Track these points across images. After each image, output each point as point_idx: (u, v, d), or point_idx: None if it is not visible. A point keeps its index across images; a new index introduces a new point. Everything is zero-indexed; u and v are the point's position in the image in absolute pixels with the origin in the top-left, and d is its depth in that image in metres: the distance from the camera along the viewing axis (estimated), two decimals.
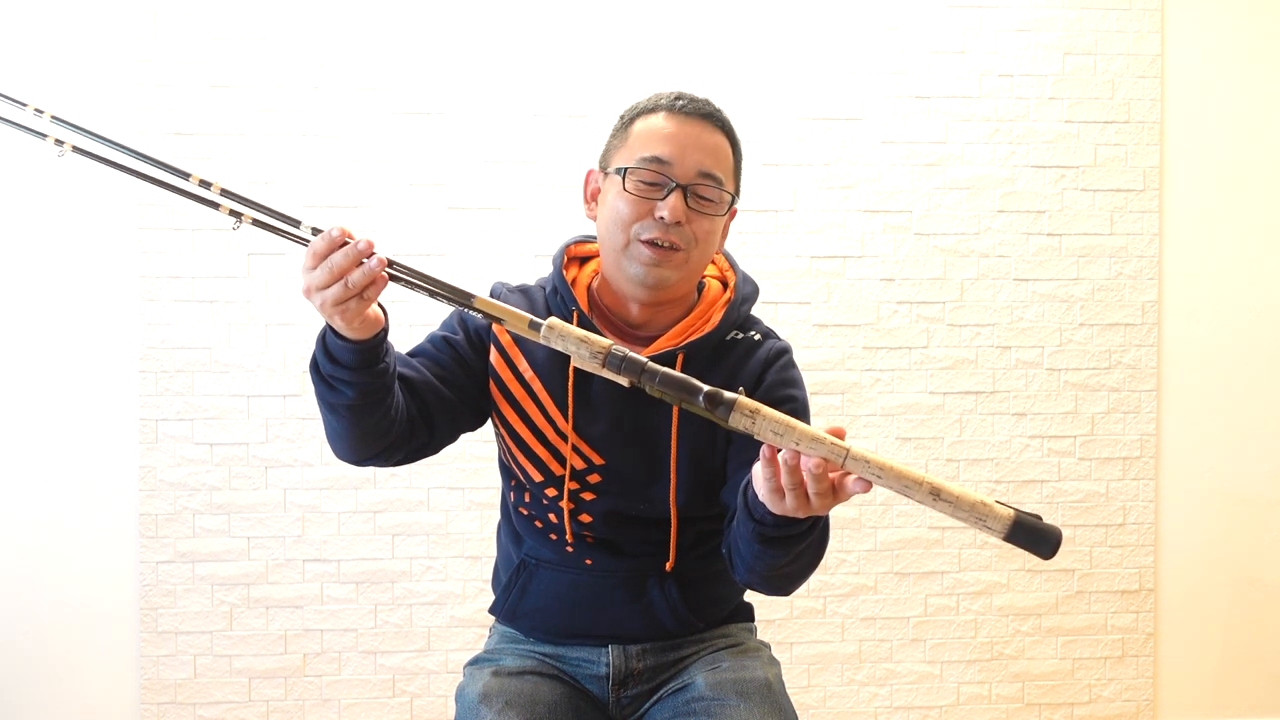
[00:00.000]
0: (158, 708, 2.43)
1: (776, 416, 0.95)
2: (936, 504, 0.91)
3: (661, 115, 1.26)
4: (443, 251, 2.46)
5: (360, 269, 1.00)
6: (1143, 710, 2.62)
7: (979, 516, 0.91)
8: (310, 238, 1.02)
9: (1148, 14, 2.58)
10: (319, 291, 1.01)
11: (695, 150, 1.24)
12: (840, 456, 0.93)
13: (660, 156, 1.23)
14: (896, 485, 0.91)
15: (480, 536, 2.47)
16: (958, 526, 2.56)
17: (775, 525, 1.06)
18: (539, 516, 1.33)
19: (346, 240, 1.00)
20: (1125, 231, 2.59)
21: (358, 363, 1.09)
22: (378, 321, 1.08)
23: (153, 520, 2.42)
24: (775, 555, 1.11)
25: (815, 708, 2.55)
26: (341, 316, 1.03)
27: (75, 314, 2.42)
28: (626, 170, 1.23)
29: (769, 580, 1.18)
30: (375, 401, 1.14)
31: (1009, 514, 0.91)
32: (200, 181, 1.04)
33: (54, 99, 2.40)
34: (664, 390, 0.98)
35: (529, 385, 1.30)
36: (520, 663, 1.33)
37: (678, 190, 1.22)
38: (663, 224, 1.22)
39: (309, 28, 2.44)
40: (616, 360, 0.98)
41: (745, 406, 0.95)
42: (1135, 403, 2.60)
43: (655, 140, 1.24)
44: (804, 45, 2.52)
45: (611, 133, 1.32)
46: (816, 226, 2.53)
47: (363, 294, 1.01)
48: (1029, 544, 0.92)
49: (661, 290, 1.26)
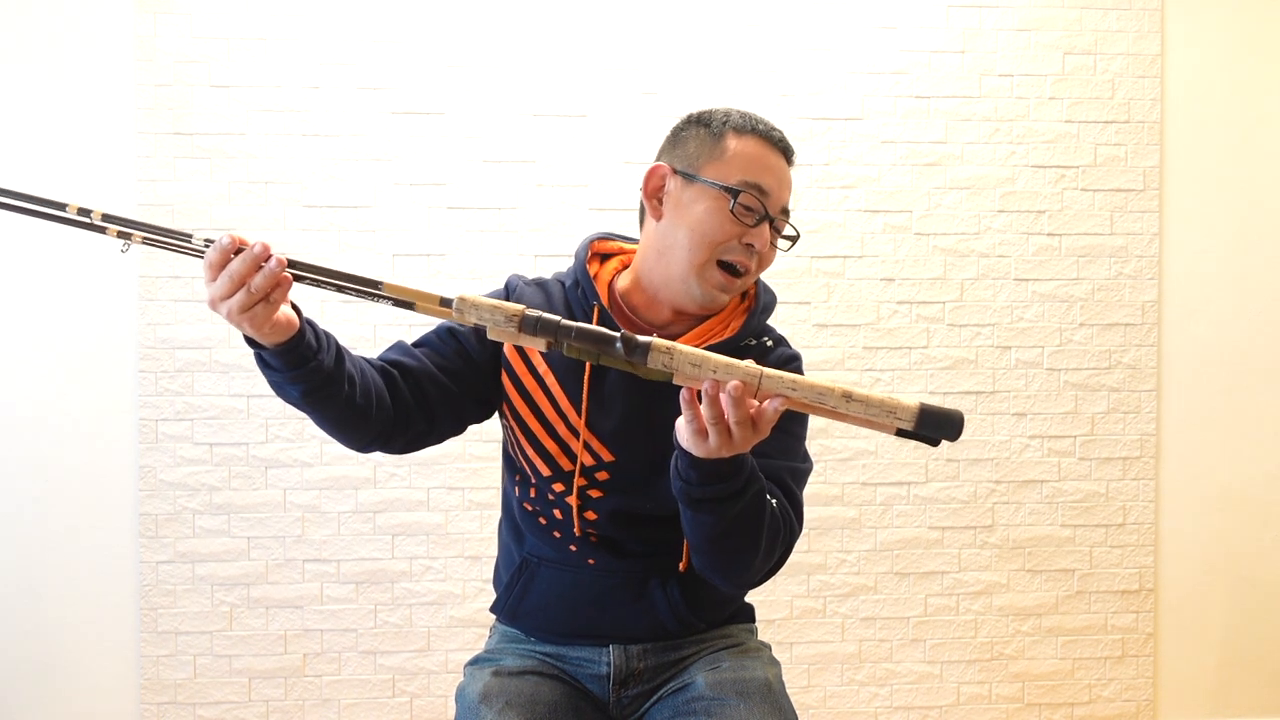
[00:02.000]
0: (158, 708, 2.43)
1: (692, 351, 1.00)
2: (849, 405, 0.98)
3: (759, 141, 1.27)
4: (443, 251, 2.46)
5: (260, 273, 0.99)
6: (1143, 710, 2.62)
7: (888, 410, 0.98)
8: (204, 249, 1.01)
9: (1148, 14, 2.58)
10: (223, 302, 1.00)
11: (785, 187, 1.28)
12: (755, 377, 0.99)
13: (763, 187, 1.25)
14: (811, 395, 0.98)
15: (480, 536, 2.47)
16: (958, 526, 2.56)
17: (700, 483, 1.08)
18: (543, 513, 1.33)
19: (241, 247, 1.00)
20: (1125, 231, 2.59)
21: (286, 364, 1.08)
22: (291, 324, 1.06)
23: (153, 520, 2.42)
24: (706, 520, 1.11)
25: (815, 708, 2.55)
26: (250, 323, 1.02)
27: (75, 314, 2.42)
28: (738, 192, 1.23)
29: (711, 558, 1.17)
30: (327, 395, 1.13)
31: (915, 405, 0.98)
32: (80, 210, 1.02)
33: (54, 99, 2.40)
34: (581, 345, 1.01)
35: (542, 379, 1.30)
36: (521, 663, 1.33)
37: (768, 222, 1.25)
38: (749, 251, 1.25)
39: (309, 28, 2.44)
40: (532, 322, 1.01)
41: (660, 346, 1.00)
42: (1135, 403, 2.60)
43: (757, 167, 1.25)
44: (804, 45, 2.52)
45: (688, 136, 1.29)
46: (816, 226, 2.53)
47: (268, 298, 1.01)
48: (938, 428, 0.98)
49: (711, 308, 1.29)
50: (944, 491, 2.56)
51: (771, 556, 1.20)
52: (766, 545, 1.17)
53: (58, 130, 2.40)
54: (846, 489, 2.54)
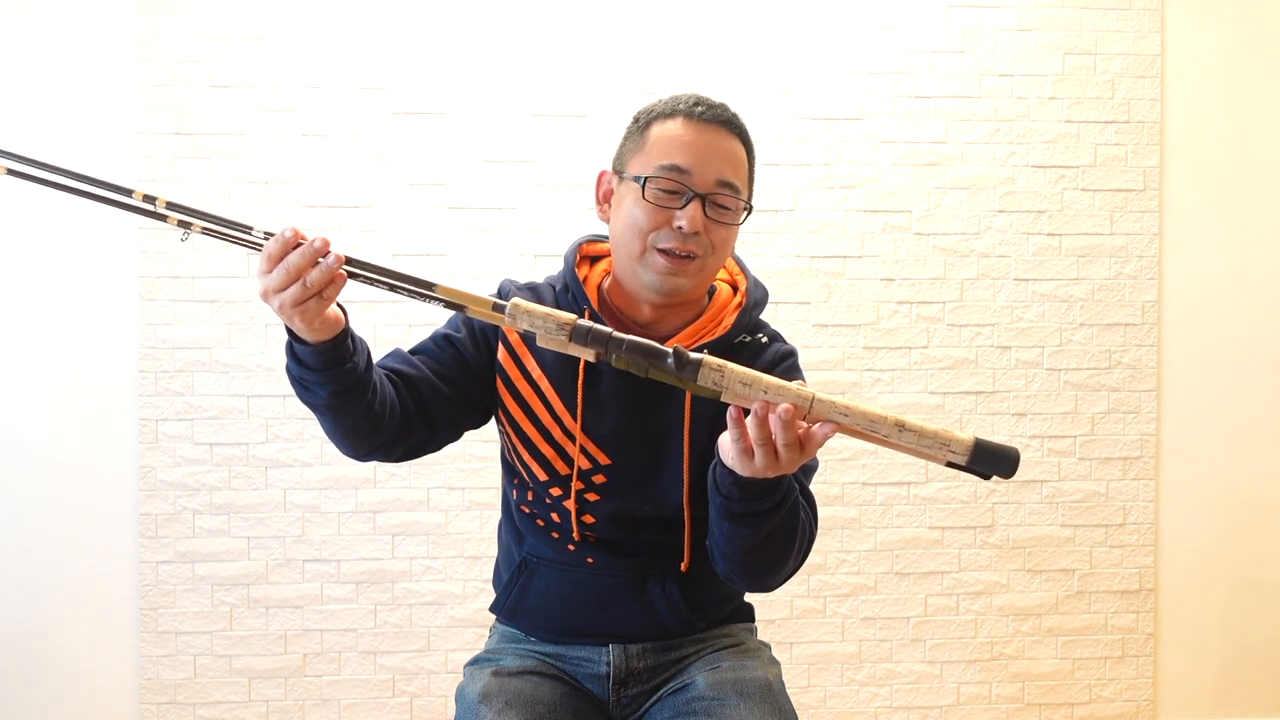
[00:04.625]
0: (158, 708, 2.43)
1: (743, 371, 0.97)
2: (902, 435, 0.95)
3: (680, 121, 1.24)
4: (443, 252, 2.46)
5: (318, 268, 1.00)
6: (1143, 710, 2.62)
7: (943, 443, 0.95)
8: (263, 241, 1.01)
9: (1148, 14, 2.58)
10: (276, 294, 1.00)
11: (714, 159, 1.22)
12: (806, 401, 0.96)
13: (679, 165, 1.21)
14: (863, 422, 0.95)
15: (480, 536, 2.47)
16: (958, 526, 2.56)
17: (741, 500, 1.07)
18: (541, 515, 1.33)
19: (300, 241, 1.00)
20: (1125, 231, 2.59)
21: (323, 363, 1.09)
22: (338, 322, 1.07)
23: (153, 520, 2.42)
24: (743, 534, 1.11)
25: (815, 708, 2.55)
26: (301, 317, 1.02)
27: (75, 314, 2.42)
28: (646, 179, 1.21)
29: (743, 567, 1.17)
30: (352, 400, 1.14)
31: (969, 439, 0.95)
32: (145, 196, 1.03)
33: (54, 99, 2.40)
34: (631, 358, 1.00)
35: (537, 384, 1.30)
36: (520, 662, 1.33)
37: (696, 200, 1.21)
38: (681, 234, 1.21)
39: (309, 28, 2.44)
40: (583, 333, 0.99)
41: (711, 364, 0.98)
42: (1135, 403, 2.60)
43: (674, 148, 1.22)
44: (804, 45, 2.52)
45: (626, 134, 1.30)
46: (816, 226, 2.53)
47: (321, 293, 1.01)
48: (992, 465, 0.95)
49: (675, 297, 1.26)
50: (944, 491, 2.56)
51: (800, 560, 1.20)
52: (797, 550, 1.18)
53: (58, 130, 2.39)
54: (846, 489, 2.54)
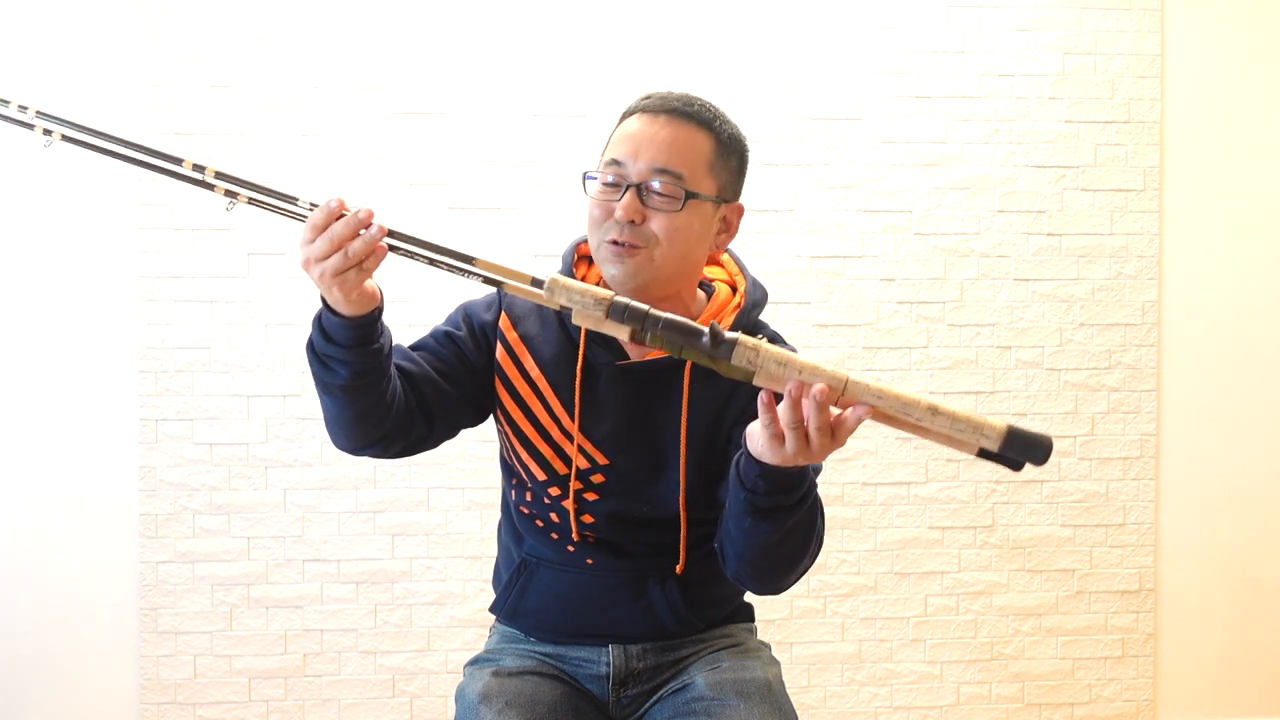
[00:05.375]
0: (158, 708, 2.43)
1: (778, 352, 0.97)
2: (935, 420, 0.94)
3: (633, 118, 1.26)
4: None
5: (360, 238, 1.01)
6: (1143, 710, 2.62)
7: (975, 428, 0.94)
8: (308, 212, 1.03)
9: (1148, 14, 2.58)
10: (318, 263, 1.02)
11: (649, 147, 1.22)
12: (841, 383, 0.95)
13: (616, 158, 1.23)
14: (896, 406, 0.94)
15: (480, 536, 2.47)
16: (958, 526, 2.56)
17: (767, 493, 1.06)
18: (540, 515, 1.33)
19: (344, 211, 1.01)
20: (1125, 231, 2.59)
21: (353, 340, 1.10)
22: (374, 298, 1.09)
23: (153, 520, 2.42)
24: (765, 529, 1.10)
25: (815, 708, 2.55)
26: (340, 288, 1.03)
27: (75, 314, 2.42)
28: (584, 175, 1.25)
29: (759, 566, 1.17)
30: (370, 384, 1.14)
31: (1003, 425, 0.94)
32: (194, 166, 1.04)
33: (54, 99, 2.40)
34: (666, 335, 0.99)
35: (535, 384, 1.30)
36: (520, 663, 1.33)
37: (631, 189, 1.21)
38: (619, 224, 1.21)
39: (309, 28, 2.44)
40: (620, 309, 0.99)
41: (747, 343, 0.97)
42: (1135, 403, 2.60)
43: (616, 143, 1.25)
44: (804, 45, 2.52)
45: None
46: (816, 226, 2.53)
47: (362, 264, 1.02)
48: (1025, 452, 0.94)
49: (633, 288, 1.22)
50: (944, 491, 2.56)
51: (811, 560, 1.19)
52: (811, 551, 1.17)
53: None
54: (846, 489, 2.54)
